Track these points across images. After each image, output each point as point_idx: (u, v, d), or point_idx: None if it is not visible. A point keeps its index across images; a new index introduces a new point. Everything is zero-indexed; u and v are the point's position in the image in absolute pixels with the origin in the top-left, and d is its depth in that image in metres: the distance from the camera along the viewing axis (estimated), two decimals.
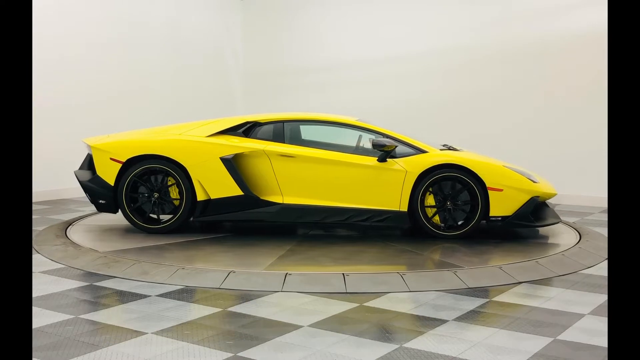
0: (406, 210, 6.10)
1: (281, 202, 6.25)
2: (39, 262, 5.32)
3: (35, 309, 4.04)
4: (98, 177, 6.45)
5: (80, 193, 9.31)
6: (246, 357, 3.32)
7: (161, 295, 4.41)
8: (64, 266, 5.21)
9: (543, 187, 6.19)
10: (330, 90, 11.11)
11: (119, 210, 6.46)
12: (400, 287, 4.62)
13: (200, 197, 6.25)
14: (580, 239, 6.21)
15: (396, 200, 6.10)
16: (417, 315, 4.03)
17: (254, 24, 12.09)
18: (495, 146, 9.03)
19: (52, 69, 9.07)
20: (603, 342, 3.55)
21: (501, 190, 5.97)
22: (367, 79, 10.79)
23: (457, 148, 6.77)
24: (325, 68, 11.27)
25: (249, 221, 6.53)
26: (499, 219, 6.03)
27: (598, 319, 3.97)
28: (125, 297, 4.38)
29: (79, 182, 6.59)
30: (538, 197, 6.06)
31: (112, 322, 3.85)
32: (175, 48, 10.90)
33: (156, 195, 6.32)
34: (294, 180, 6.26)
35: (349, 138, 6.58)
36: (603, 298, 4.44)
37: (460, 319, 3.97)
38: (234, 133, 6.50)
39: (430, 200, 6.10)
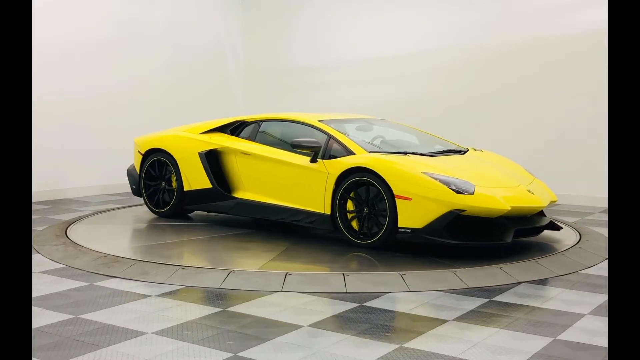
0: (329, 213, 5.80)
1: (239, 197, 6.53)
2: (39, 262, 5.32)
3: (35, 309, 4.05)
4: (133, 166, 7.53)
5: (80, 193, 9.42)
6: (246, 357, 3.32)
7: (161, 295, 4.41)
8: (64, 266, 5.21)
9: (473, 199, 5.26)
10: (331, 90, 11.10)
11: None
12: (400, 287, 4.62)
13: (186, 187, 6.88)
14: (580, 239, 6.21)
15: (321, 202, 5.88)
16: (417, 315, 4.03)
17: (254, 24, 12.08)
18: (494, 146, 9.01)
19: (53, 69, 9.06)
20: (603, 342, 3.55)
21: (410, 199, 5.32)
22: (367, 79, 10.78)
23: (470, 149, 6.62)
24: (326, 68, 11.26)
25: (223, 213, 6.86)
26: (408, 230, 5.37)
27: (598, 319, 3.97)
28: (125, 297, 4.38)
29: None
30: (461, 210, 5.22)
31: (112, 322, 3.85)
32: (175, 48, 10.88)
33: (163, 183, 7.15)
34: (249, 176, 6.52)
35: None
36: (603, 298, 4.44)
37: (460, 319, 3.97)
38: (225, 131, 6.91)
39: (350, 205, 5.72)
